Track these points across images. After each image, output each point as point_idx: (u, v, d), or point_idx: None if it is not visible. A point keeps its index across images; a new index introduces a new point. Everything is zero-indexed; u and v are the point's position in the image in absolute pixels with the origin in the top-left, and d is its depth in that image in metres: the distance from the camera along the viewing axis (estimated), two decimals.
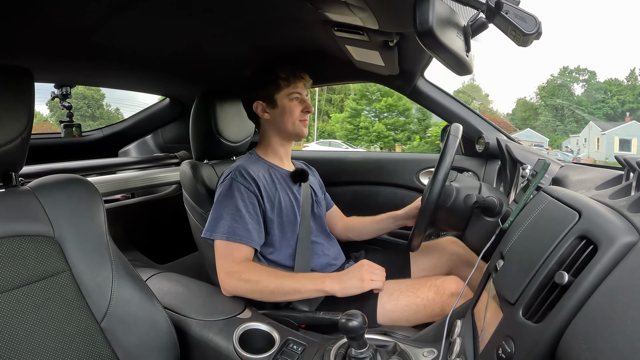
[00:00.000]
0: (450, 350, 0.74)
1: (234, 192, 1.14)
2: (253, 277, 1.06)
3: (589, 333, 0.41)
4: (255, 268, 1.09)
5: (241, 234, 1.11)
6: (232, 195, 1.14)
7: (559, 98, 36.22)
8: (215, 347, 0.88)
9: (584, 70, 39.58)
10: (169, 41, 1.21)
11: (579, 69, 39.56)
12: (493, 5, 0.63)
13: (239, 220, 1.12)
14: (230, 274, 1.07)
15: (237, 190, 1.14)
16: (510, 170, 1.27)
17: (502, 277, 0.68)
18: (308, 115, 1.30)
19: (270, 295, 1.06)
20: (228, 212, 1.12)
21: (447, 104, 1.70)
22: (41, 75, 1.42)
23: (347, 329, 0.70)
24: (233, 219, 1.11)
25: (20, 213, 0.74)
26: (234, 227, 1.11)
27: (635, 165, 0.66)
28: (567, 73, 39.23)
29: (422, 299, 1.09)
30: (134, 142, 2.27)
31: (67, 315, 0.73)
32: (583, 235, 0.53)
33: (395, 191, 1.89)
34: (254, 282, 1.05)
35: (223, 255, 1.10)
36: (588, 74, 38.97)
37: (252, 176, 1.17)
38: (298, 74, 1.27)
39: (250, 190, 1.15)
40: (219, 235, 1.11)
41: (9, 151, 0.72)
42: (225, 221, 1.11)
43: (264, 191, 1.18)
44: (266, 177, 1.21)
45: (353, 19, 0.95)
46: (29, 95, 0.74)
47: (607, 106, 35.67)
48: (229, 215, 1.12)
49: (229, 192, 1.15)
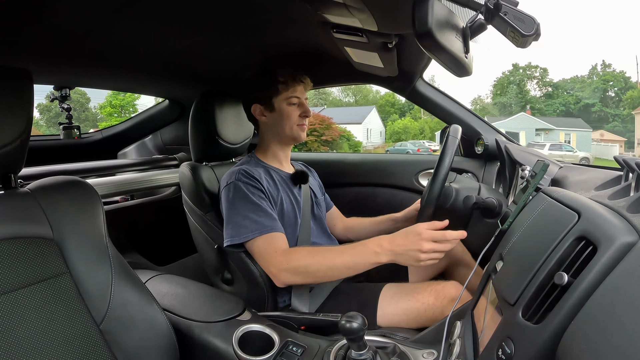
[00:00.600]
0: (450, 351, 0.74)
1: (243, 191, 1.13)
2: (301, 263, 1.03)
3: (588, 333, 0.41)
4: (300, 253, 1.06)
5: (269, 224, 1.10)
6: (243, 195, 1.13)
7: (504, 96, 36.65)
8: (214, 349, 0.88)
9: (535, 67, 39.99)
10: (168, 42, 1.21)
11: (530, 65, 39.97)
12: (492, 7, 0.63)
13: (260, 213, 1.11)
14: (278, 268, 1.04)
15: (245, 189, 1.14)
16: (510, 171, 1.27)
17: (502, 278, 0.68)
18: (306, 120, 1.29)
19: (325, 277, 1.05)
20: (247, 209, 1.11)
21: (446, 105, 1.70)
22: (40, 77, 1.42)
23: (347, 331, 0.70)
24: (255, 214, 1.10)
25: (20, 215, 0.74)
26: (260, 221, 1.09)
27: (635, 166, 0.66)
28: (519, 70, 39.70)
29: (422, 304, 1.09)
30: (133, 144, 2.27)
31: (67, 317, 0.73)
32: (582, 235, 0.53)
33: (394, 192, 1.89)
34: (302, 268, 1.03)
35: (263, 252, 1.08)
36: (540, 70, 39.33)
37: (255, 177, 1.17)
38: (298, 78, 1.26)
39: (257, 188, 1.15)
40: (250, 235, 1.08)
41: (8, 153, 0.72)
42: (249, 220, 1.10)
43: (267, 192, 1.18)
44: (268, 179, 1.21)
45: (352, 20, 0.95)
46: (28, 97, 0.74)
47: (557, 102, 36.00)
48: (249, 212, 1.10)
49: (238, 193, 1.13)
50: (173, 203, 1.97)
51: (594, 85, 36.37)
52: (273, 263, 1.06)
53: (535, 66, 39.59)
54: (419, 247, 0.94)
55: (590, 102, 35.21)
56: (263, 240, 1.09)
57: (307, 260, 1.03)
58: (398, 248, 0.97)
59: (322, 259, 1.02)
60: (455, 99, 1.73)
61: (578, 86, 37.29)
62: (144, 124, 2.23)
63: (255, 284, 1.20)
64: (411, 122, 36.43)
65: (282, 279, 1.05)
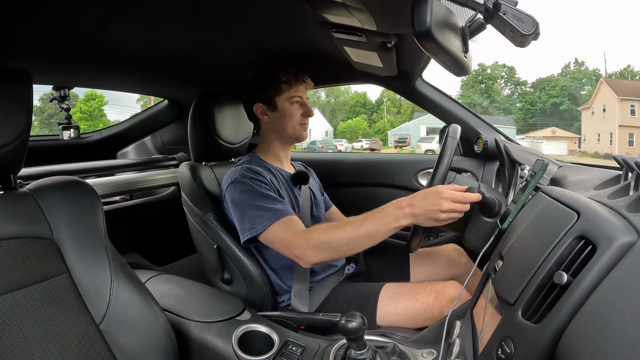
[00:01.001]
0: (450, 351, 0.74)
1: (249, 185, 1.13)
2: (323, 239, 1.01)
3: (588, 333, 0.41)
4: (319, 230, 1.04)
5: (281, 209, 1.10)
6: (250, 189, 1.13)
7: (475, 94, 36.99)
8: (214, 349, 0.88)
9: (503, 67, 40.18)
10: (167, 43, 1.21)
11: (496, 65, 40.18)
12: (491, 6, 0.63)
13: (271, 201, 1.11)
14: (301, 248, 1.02)
15: (251, 183, 1.13)
16: (509, 170, 1.27)
17: (501, 277, 0.68)
18: (308, 119, 1.30)
19: (349, 250, 1.01)
20: (257, 201, 1.11)
21: (446, 104, 1.70)
22: (39, 78, 1.42)
23: (347, 330, 0.70)
24: (267, 203, 1.10)
25: (19, 215, 0.74)
26: (273, 209, 1.09)
27: (634, 165, 0.66)
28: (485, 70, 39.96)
29: (422, 303, 1.09)
30: (133, 144, 2.27)
31: (66, 317, 0.73)
32: (582, 235, 0.53)
33: (394, 192, 1.89)
34: (325, 244, 1.00)
35: (283, 237, 1.06)
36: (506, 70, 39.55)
37: (259, 172, 1.17)
38: (300, 77, 1.27)
39: (261, 181, 1.15)
40: (267, 223, 1.07)
41: (8, 153, 0.72)
42: (262, 210, 1.09)
43: (272, 185, 1.18)
44: (271, 177, 1.21)
45: (351, 20, 0.95)
46: (27, 98, 0.74)
47: (523, 100, 36.18)
48: (260, 202, 1.10)
49: (245, 187, 1.13)
50: (172, 203, 1.97)
51: (562, 83, 36.67)
52: (296, 245, 1.03)
53: (503, 65, 40.00)
54: (439, 207, 0.94)
55: (558, 100, 35.48)
56: (280, 226, 1.07)
57: (329, 236, 1.01)
58: (418, 209, 0.96)
59: (343, 232, 1.00)
60: (455, 99, 1.73)
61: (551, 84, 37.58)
62: (143, 124, 2.23)
63: (254, 283, 1.20)
64: (361, 122, 38.75)
65: (308, 259, 1.02)
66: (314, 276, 1.23)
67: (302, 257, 1.03)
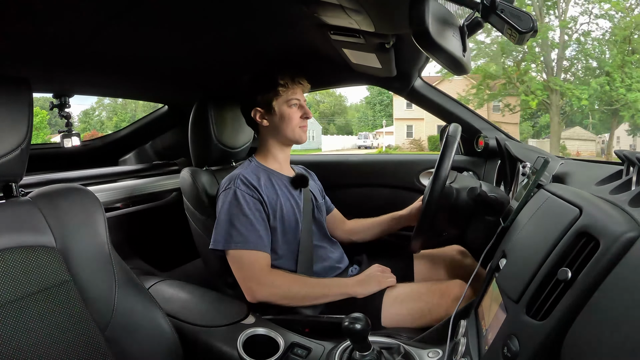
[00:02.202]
0: (455, 350, 0.74)
1: (239, 200, 1.14)
2: (284, 284, 1.10)
3: (593, 328, 0.41)
4: (284, 276, 1.12)
5: (255, 241, 1.11)
6: (238, 204, 1.14)
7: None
8: (219, 353, 0.88)
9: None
10: (166, 49, 1.21)
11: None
12: (488, 5, 0.63)
13: (250, 228, 1.12)
14: (260, 283, 1.08)
15: (242, 198, 1.14)
16: (510, 168, 1.27)
17: (505, 275, 0.68)
18: (307, 121, 1.30)
19: (300, 301, 1.11)
20: (237, 220, 1.12)
21: (445, 104, 1.70)
22: (39, 85, 1.43)
23: (351, 332, 0.70)
24: (244, 227, 1.11)
25: (22, 224, 0.74)
26: (247, 236, 1.11)
27: (635, 159, 0.66)
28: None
29: (426, 303, 1.09)
30: (134, 151, 2.27)
31: (71, 325, 0.73)
32: (584, 231, 0.53)
33: (396, 193, 1.89)
34: (285, 289, 1.09)
35: (245, 265, 1.10)
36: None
37: (254, 184, 1.17)
38: (297, 80, 1.26)
39: (254, 198, 1.16)
40: (233, 245, 1.10)
41: (9, 162, 0.72)
42: (236, 230, 1.11)
43: (266, 198, 1.18)
44: (267, 185, 1.21)
45: (349, 22, 0.95)
46: (27, 106, 0.74)
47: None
48: (239, 223, 1.12)
49: (234, 201, 1.14)
50: (174, 208, 1.97)
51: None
52: (253, 278, 1.09)
53: None
54: (377, 275, 1.17)
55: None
56: (244, 254, 1.11)
57: (291, 284, 1.11)
58: (363, 279, 1.16)
59: (304, 285, 1.12)
60: (454, 98, 1.73)
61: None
62: (143, 130, 2.23)
63: None
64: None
65: (259, 295, 1.09)
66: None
67: (255, 292, 1.09)
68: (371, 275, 1.17)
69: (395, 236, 1.78)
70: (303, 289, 1.11)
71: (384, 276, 1.17)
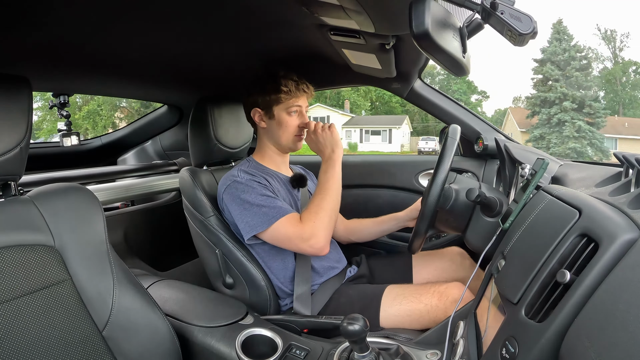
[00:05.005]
0: (454, 351, 0.74)
1: (249, 185, 1.15)
2: (318, 217, 1.13)
3: (592, 331, 0.41)
4: (308, 212, 1.15)
5: (285, 207, 1.15)
6: (249, 189, 1.15)
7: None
8: (217, 353, 0.88)
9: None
10: (166, 48, 1.21)
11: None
12: (488, 6, 0.63)
13: (270, 201, 1.14)
14: (308, 235, 1.11)
15: (250, 184, 1.16)
16: (509, 170, 1.27)
17: (504, 277, 0.68)
18: (304, 131, 1.29)
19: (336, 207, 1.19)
20: (260, 200, 1.13)
21: (445, 105, 1.70)
22: (39, 84, 1.42)
23: (349, 333, 0.70)
24: (270, 202, 1.14)
25: (20, 223, 0.74)
26: (277, 205, 1.13)
27: (634, 161, 0.66)
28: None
29: (425, 305, 1.09)
30: (133, 150, 2.27)
31: (69, 324, 0.73)
32: (584, 233, 0.53)
33: (395, 194, 1.89)
34: (322, 215, 1.13)
35: (293, 229, 1.12)
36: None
37: (255, 174, 1.19)
38: (301, 87, 1.25)
39: (259, 182, 1.17)
40: (274, 219, 1.12)
41: (8, 161, 0.72)
42: (266, 207, 1.13)
43: (269, 187, 1.18)
44: (265, 183, 1.21)
45: (349, 22, 0.95)
46: (27, 104, 0.74)
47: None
48: (263, 201, 1.13)
49: (244, 188, 1.15)
50: (173, 208, 1.97)
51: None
52: (301, 236, 1.11)
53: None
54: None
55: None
56: (285, 222, 1.12)
57: (318, 213, 1.14)
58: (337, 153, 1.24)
59: (323, 201, 1.16)
60: (454, 99, 1.73)
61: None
62: (143, 130, 2.23)
63: (257, 287, 1.20)
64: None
65: (320, 243, 1.11)
66: (316, 279, 1.23)
67: (313, 243, 1.10)
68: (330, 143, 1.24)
69: (394, 237, 1.78)
70: (324, 201, 1.16)
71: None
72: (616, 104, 29.98)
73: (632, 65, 30.19)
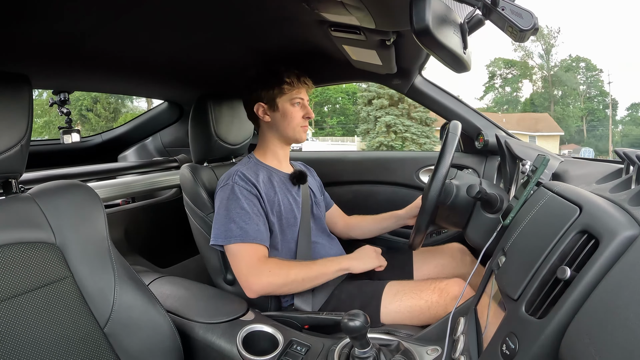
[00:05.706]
0: (454, 347, 0.74)
1: (237, 195, 1.14)
2: (282, 270, 1.09)
3: (592, 327, 0.41)
4: (280, 262, 1.12)
5: (254, 234, 1.11)
6: (236, 198, 1.14)
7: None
8: (218, 349, 0.88)
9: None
10: (166, 45, 1.21)
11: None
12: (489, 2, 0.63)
13: (248, 221, 1.12)
14: (259, 274, 1.08)
15: (240, 193, 1.14)
16: (510, 166, 1.27)
17: (504, 273, 0.68)
18: (308, 121, 1.30)
19: (300, 285, 1.11)
20: (236, 215, 1.12)
21: (445, 101, 1.70)
22: (39, 82, 1.42)
23: (349, 329, 0.70)
24: (243, 221, 1.11)
25: (21, 220, 0.74)
26: (246, 229, 1.11)
27: (635, 158, 0.66)
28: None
29: (425, 301, 1.09)
30: (133, 147, 2.27)
31: (71, 321, 0.73)
32: (584, 229, 0.53)
33: (395, 190, 1.89)
34: (284, 275, 1.08)
35: (244, 258, 1.10)
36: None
37: (252, 180, 1.17)
38: (302, 79, 1.27)
39: (252, 193, 1.16)
40: (233, 240, 1.10)
41: (9, 158, 0.72)
42: (235, 224, 1.11)
43: (264, 195, 1.18)
44: (265, 181, 1.21)
45: (349, 18, 0.94)
46: (27, 102, 0.74)
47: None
48: (238, 217, 1.12)
49: (232, 195, 1.14)
50: (174, 205, 1.97)
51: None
52: (251, 270, 1.08)
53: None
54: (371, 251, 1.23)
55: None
56: (244, 247, 1.10)
57: (289, 269, 1.10)
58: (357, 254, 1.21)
59: (301, 267, 1.12)
60: (455, 95, 1.72)
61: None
62: (143, 127, 2.23)
63: None
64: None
65: (258, 286, 1.08)
66: None
67: (254, 284, 1.08)
68: (365, 252, 1.21)
69: (394, 233, 1.78)
70: (301, 272, 1.10)
71: (378, 256, 1.21)
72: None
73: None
